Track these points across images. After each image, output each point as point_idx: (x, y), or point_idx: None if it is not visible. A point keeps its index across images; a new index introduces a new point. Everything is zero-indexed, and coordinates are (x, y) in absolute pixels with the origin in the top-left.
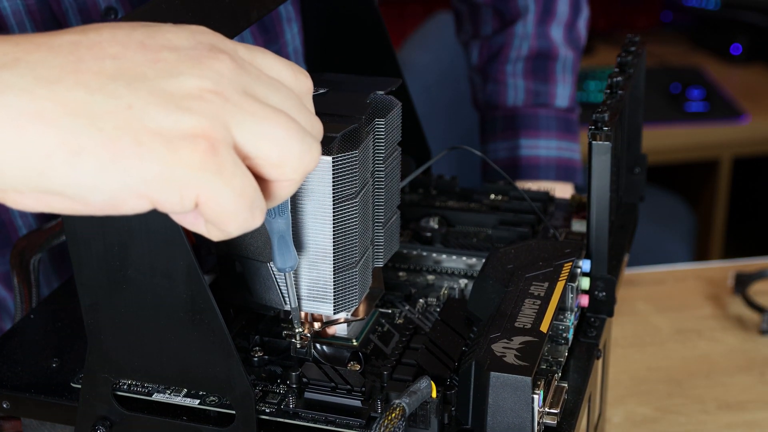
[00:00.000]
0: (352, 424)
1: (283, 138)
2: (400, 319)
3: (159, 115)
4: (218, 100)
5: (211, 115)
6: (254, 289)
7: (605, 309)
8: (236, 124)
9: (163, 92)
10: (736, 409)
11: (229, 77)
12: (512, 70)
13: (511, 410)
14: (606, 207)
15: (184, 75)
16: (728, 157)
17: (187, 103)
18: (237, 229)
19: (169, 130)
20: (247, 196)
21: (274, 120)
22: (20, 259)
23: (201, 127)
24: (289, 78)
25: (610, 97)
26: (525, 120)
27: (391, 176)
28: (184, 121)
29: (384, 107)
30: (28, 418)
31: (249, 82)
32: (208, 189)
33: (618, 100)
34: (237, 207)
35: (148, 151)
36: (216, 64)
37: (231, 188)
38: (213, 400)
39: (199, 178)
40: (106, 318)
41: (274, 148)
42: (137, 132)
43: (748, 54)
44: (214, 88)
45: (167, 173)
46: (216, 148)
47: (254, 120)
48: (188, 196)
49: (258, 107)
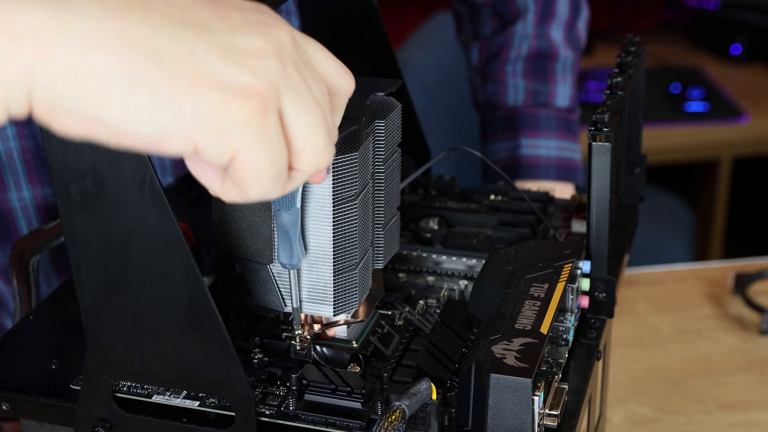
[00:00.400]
0: (352, 426)
1: (316, 127)
2: (400, 320)
3: (219, 64)
4: (278, 64)
5: (267, 76)
6: (254, 291)
7: (605, 310)
8: (286, 94)
9: (227, 45)
10: (736, 409)
11: (289, 49)
12: (512, 70)
13: (511, 412)
14: (606, 207)
15: (250, 33)
16: (728, 157)
17: (248, 60)
18: (257, 194)
19: (226, 80)
20: (278, 164)
21: (315, 107)
22: (20, 260)
23: (256, 86)
24: (334, 75)
25: (610, 98)
26: (525, 120)
27: (391, 177)
28: (242, 75)
29: (384, 109)
30: (28, 420)
31: (302, 65)
32: (249, 145)
33: (618, 101)
34: (267, 171)
35: (203, 96)
36: (279, 32)
37: (269, 151)
38: (213, 402)
39: (244, 133)
40: (105, 319)
41: (305, 132)
42: (196, 76)
43: (748, 54)
44: (276, 51)
45: (217, 120)
46: (266, 109)
47: (301, 98)
48: (229, 147)
49: (305, 89)
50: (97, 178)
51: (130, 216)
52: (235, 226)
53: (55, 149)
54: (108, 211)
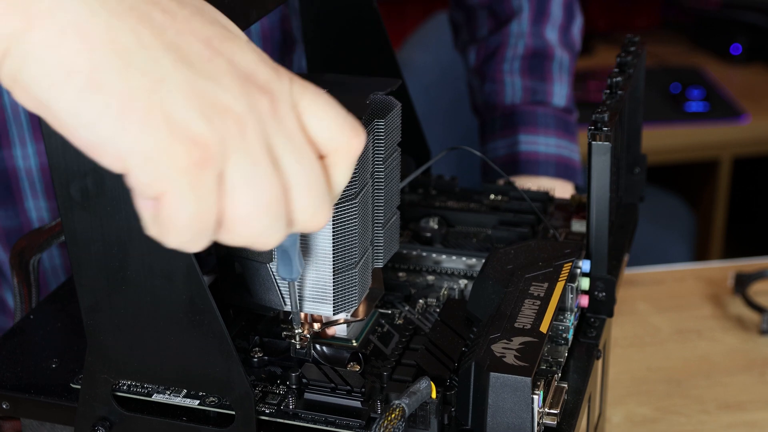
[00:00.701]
0: (351, 424)
1: (256, 207)
2: (400, 319)
3: (181, 104)
4: (236, 129)
5: (221, 135)
6: (254, 290)
7: (605, 309)
8: (234, 160)
9: (198, 89)
10: (736, 409)
11: (259, 118)
12: (509, 68)
13: (510, 411)
14: (606, 207)
15: (226, 88)
16: (728, 157)
17: (209, 112)
18: (175, 244)
19: (180, 122)
20: (202, 222)
21: (266, 186)
22: (20, 260)
23: (205, 139)
24: (330, 131)
25: (609, 97)
26: (523, 117)
27: (390, 177)
28: (197, 123)
29: (384, 108)
30: (28, 419)
31: (275, 133)
32: (178, 193)
33: (618, 100)
34: (189, 224)
35: (152, 128)
36: (256, 98)
37: (194, 207)
38: (213, 401)
39: (177, 179)
40: (105, 319)
41: (244, 206)
42: (154, 106)
43: (748, 54)
44: (241, 117)
45: (155, 157)
46: (205, 166)
47: (250, 170)
48: (157, 186)
49: (263, 162)
50: (98, 178)
51: (131, 215)
52: None
53: (56, 148)
54: (108, 210)
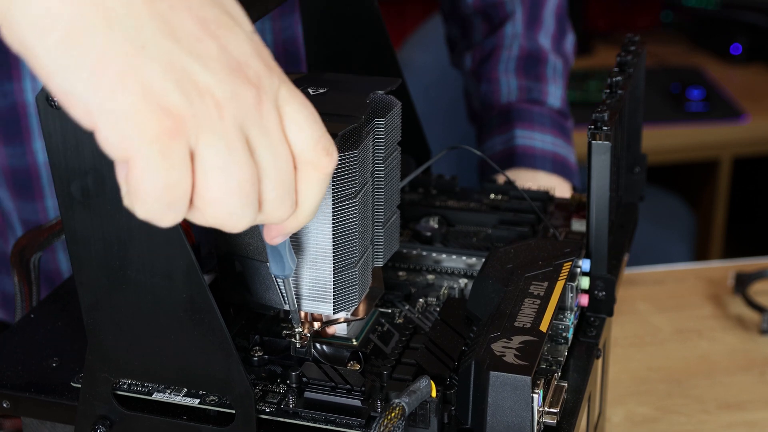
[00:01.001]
0: (351, 423)
1: (227, 189)
2: (400, 318)
3: (158, 74)
4: (214, 111)
5: (196, 112)
6: (254, 289)
7: (605, 308)
8: (209, 140)
9: (180, 65)
10: (736, 409)
11: (241, 107)
12: (504, 68)
13: (510, 410)
14: (606, 207)
15: (208, 70)
16: (728, 157)
17: (188, 88)
18: (143, 214)
19: (155, 91)
20: (170, 194)
21: (238, 171)
22: (21, 258)
23: (178, 111)
24: (305, 144)
25: (609, 97)
26: (519, 113)
27: (390, 176)
28: (172, 95)
29: (384, 107)
30: (28, 418)
31: (254, 125)
32: (143, 161)
33: (618, 100)
34: (154, 195)
35: (124, 91)
36: (242, 89)
37: (162, 177)
38: (213, 400)
39: (144, 147)
40: (106, 317)
41: (215, 187)
42: (130, 70)
43: (748, 54)
44: (219, 101)
45: (122, 120)
46: (174, 137)
47: (225, 152)
48: (123, 149)
49: (238, 148)
50: (98, 176)
51: (131, 214)
52: None
53: (56, 147)
54: (109, 209)
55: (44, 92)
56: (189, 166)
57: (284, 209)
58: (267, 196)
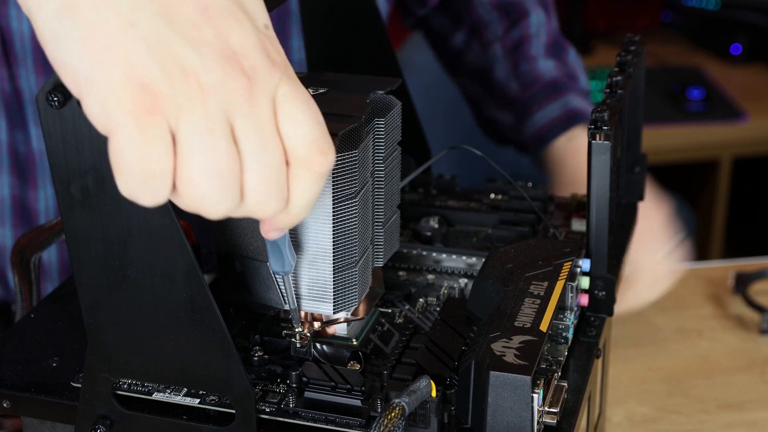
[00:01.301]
0: (351, 423)
1: (206, 172)
2: (400, 318)
3: (142, 51)
4: (197, 94)
5: (177, 91)
6: (254, 289)
7: (605, 308)
8: (190, 122)
9: (166, 44)
10: (736, 408)
11: (228, 95)
12: (537, 52)
13: (510, 409)
14: (606, 206)
15: (198, 55)
16: (728, 157)
17: (172, 69)
18: (125, 190)
19: (138, 67)
20: (148, 170)
21: (216, 156)
22: (20, 258)
23: (158, 88)
24: (301, 143)
25: (609, 97)
26: (566, 84)
27: (390, 176)
28: (153, 73)
29: (384, 107)
30: (29, 417)
31: (242, 115)
32: (122, 134)
33: (618, 100)
34: (132, 170)
35: (107, 65)
36: (232, 77)
37: (139, 152)
38: (213, 400)
39: (121, 119)
40: (106, 317)
41: (193, 169)
42: (115, 44)
43: (748, 54)
44: (204, 85)
45: (103, 92)
46: (152, 113)
47: (205, 136)
48: (104, 121)
49: (219, 133)
50: (98, 176)
51: (131, 214)
52: (234, 224)
53: (56, 147)
54: (109, 209)
55: (44, 92)
56: (168, 145)
57: (271, 204)
58: (250, 187)
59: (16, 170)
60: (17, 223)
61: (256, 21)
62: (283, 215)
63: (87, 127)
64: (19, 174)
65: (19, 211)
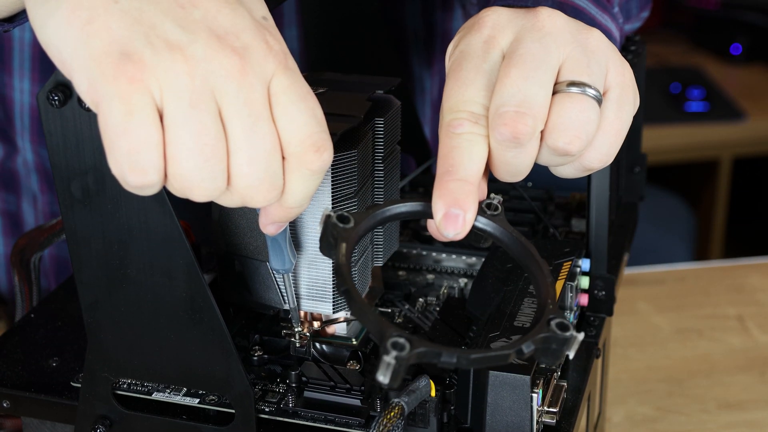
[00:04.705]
0: (351, 423)
1: (189, 148)
2: (400, 318)
3: (125, 24)
4: (182, 67)
5: (160, 62)
6: (254, 288)
7: (605, 308)
8: (171, 94)
9: (149, 19)
10: (736, 408)
11: (215, 70)
12: None
13: (510, 409)
14: (606, 206)
15: (183, 30)
16: (728, 157)
17: (155, 41)
18: (113, 163)
19: (117, 38)
20: (134, 140)
21: (198, 132)
22: (21, 258)
23: (140, 58)
24: (295, 138)
25: None
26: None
27: (390, 175)
28: (136, 43)
29: (384, 106)
30: (29, 417)
31: (229, 93)
32: (105, 104)
33: None
34: (116, 142)
35: (91, 37)
36: (221, 54)
37: (122, 121)
38: (212, 399)
39: (102, 90)
40: (105, 317)
41: (177, 144)
42: (97, 18)
43: (748, 54)
44: (189, 58)
45: (87, 65)
46: (134, 82)
47: (186, 109)
48: (92, 95)
49: (203, 108)
50: (98, 176)
51: (131, 213)
52: (234, 224)
53: (57, 146)
54: (109, 209)
55: (44, 91)
56: (151, 117)
57: (262, 191)
58: (237, 170)
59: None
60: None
61: (252, 11)
62: (278, 208)
63: (87, 126)
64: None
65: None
